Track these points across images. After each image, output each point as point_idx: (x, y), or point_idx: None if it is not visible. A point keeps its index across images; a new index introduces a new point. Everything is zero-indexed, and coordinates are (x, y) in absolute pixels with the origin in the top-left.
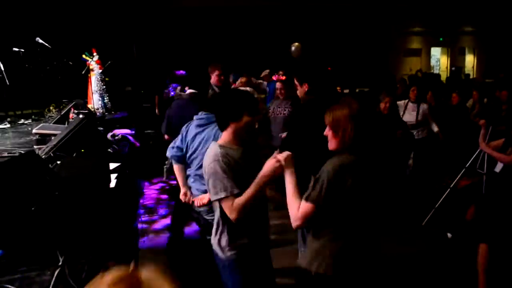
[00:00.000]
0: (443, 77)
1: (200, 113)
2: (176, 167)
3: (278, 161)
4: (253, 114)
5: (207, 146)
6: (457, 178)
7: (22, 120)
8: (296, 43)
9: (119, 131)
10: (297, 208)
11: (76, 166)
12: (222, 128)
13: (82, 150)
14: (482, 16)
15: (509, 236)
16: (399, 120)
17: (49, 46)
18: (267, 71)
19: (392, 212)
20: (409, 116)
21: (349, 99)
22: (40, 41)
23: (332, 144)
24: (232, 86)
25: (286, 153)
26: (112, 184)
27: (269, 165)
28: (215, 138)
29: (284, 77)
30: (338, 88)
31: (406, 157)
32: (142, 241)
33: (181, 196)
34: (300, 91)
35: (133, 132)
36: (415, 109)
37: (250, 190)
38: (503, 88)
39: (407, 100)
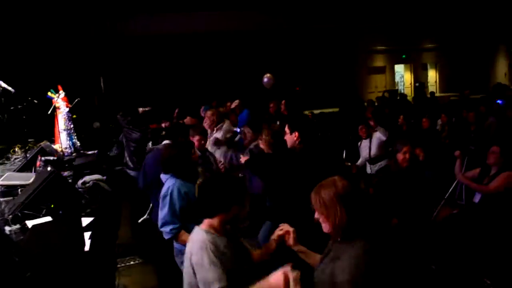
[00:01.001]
0: (408, 92)
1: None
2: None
3: (287, 278)
4: (242, 204)
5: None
6: (437, 210)
7: None
8: (268, 74)
9: (89, 178)
10: None
11: (47, 237)
12: (209, 216)
13: (52, 206)
14: (442, 32)
15: None
16: (423, 175)
17: (12, 90)
18: (237, 101)
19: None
20: (364, 154)
21: (338, 178)
22: (3, 84)
23: (325, 227)
24: (206, 119)
25: (296, 272)
26: (87, 247)
27: (277, 279)
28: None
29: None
30: (309, 114)
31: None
32: None
33: None
34: (289, 138)
35: (105, 177)
36: (367, 144)
37: None
38: (470, 108)
39: (360, 142)
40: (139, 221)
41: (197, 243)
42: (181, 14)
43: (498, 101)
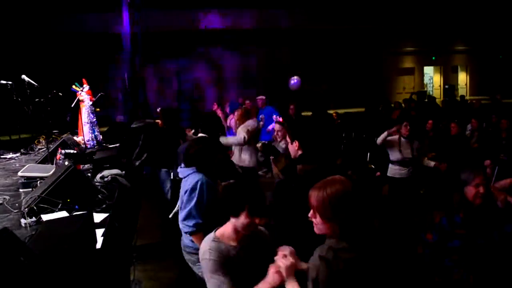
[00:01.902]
0: (437, 94)
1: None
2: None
3: (278, 271)
4: (254, 214)
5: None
6: None
7: (11, 153)
8: (296, 76)
9: (108, 172)
10: None
11: (57, 234)
12: (233, 214)
13: (68, 200)
14: (473, 34)
15: None
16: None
17: (35, 84)
18: (263, 97)
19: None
20: (404, 153)
21: (339, 178)
22: (26, 79)
23: (316, 229)
24: (230, 117)
25: (288, 261)
26: (99, 244)
27: (270, 274)
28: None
29: (280, 119)
30: (333, 114)
31: None
32: None
33: None
34: (291, 148)
35: (123, 172)
36: (409, 144)
37: None
38: (502, 115)
39: (397, 136)
40: (170, 216)
41: (201, 252)
42: (208, 11)
43: None
